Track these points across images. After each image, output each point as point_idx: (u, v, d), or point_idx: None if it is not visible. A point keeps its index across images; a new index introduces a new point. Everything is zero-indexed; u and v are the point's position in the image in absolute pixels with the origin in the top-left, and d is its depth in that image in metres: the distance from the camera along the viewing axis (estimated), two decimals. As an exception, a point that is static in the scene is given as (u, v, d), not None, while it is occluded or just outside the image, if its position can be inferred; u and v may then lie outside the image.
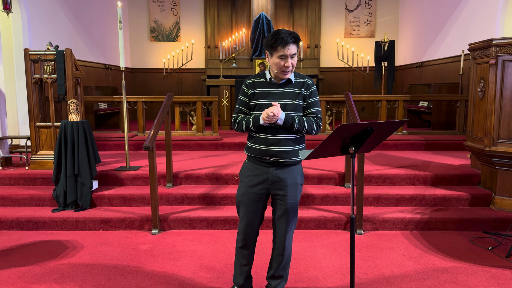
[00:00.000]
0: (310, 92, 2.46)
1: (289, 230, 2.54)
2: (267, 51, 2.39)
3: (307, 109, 2.47)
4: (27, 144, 5.19)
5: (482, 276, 3.05)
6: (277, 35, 2.30)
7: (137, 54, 10.52)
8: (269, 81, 2.43)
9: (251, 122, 2.40)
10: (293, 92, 2.42)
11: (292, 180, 2.46)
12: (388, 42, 8.43)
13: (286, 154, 2.40)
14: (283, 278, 2.65)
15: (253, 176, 2.46)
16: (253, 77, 2.50)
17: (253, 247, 2.63)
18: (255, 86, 2.45)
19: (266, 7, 9.67)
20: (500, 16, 6.17)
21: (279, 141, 2.38)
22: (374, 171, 4.68)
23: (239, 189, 2.55)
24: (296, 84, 2.44)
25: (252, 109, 2.45)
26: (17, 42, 6.06)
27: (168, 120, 4.62)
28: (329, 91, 10.25)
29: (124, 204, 4.35)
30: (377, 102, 6.42)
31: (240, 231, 2.58)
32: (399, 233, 3.91)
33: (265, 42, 2.37)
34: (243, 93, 2.49)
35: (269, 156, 2.40)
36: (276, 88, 2.42)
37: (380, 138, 2.26)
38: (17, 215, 4.10)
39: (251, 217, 2.51)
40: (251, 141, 2.47)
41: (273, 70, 2.41)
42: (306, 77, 2.50)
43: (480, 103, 4.18)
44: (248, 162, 2.52)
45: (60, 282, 2.98)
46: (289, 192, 2.46)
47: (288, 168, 2.45)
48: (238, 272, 2.67)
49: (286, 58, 2.32)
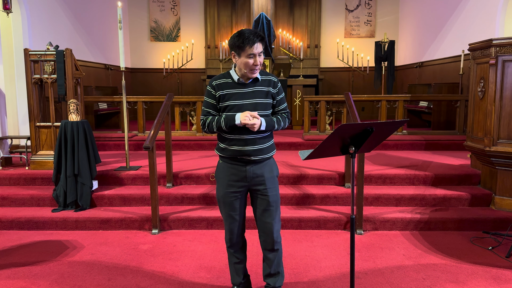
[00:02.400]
0: (278, 89, 2.52)
1: (275, 224, 2.54)
2: (233, 51, 2.40)
3: (277, 106, 2.54)
4: (27, 144, 5.19)
5: (482, 276, 3.05)
6: (243, 35, 2.33)
7: (137, 54, 10.52)
8: (237, 81, 2.44)
9: (223, 123, 2.39)
10: (262, 90, 2.46)
11: (269, 173, 2.51)
12: (388, 42, 8.43)
13: (261, 152, 2.45)
14: (280, 274, 2.65)
15: (230, 176, 2.49)
16: (218, 78, 2.49)
17: (242, 244, 2.66)
18: (222, 87, 2.44)
19: (266, 7, 9.67)
20: (500, 16, 6.17)
21: (255, 140, 2.43)
22: (374, 171, 4.68)
23: (218, 190, 2.57)
24: (263, 82, 2.48)
25: (222, 110, 2.45)
26: (17, 42, 6.07)
27: (168, 120, 4.62)
28: (329, 91, 10.26)
29: (124, 204, 4.36)
30: (377, 102, 6.42)
31: (227, 231, 2.60)
32: (399, 233, 3.91)
33: (232, 43, 2.38)
34: (209, 95, 2.47)
35: (245, 156, 2.43)
36: (244, 88, 2.44)
37: (380, 138, 2.26)
38: (17, 215, 4.11)
39: (234, 215, 2.54)
40: (224, 142, 2.47)
41: (240, 70, 2.42)
42: (271, 75, 2.54)
43: (480, 103, 4.18)
44: (223, 163, 2.53)
45: (60, 282, 2.98)
46: (269, 185, 2.50)
47: (263, 163, 2.50)
48: (234, 272, 2.71)
49: (255, 57, 2.35)
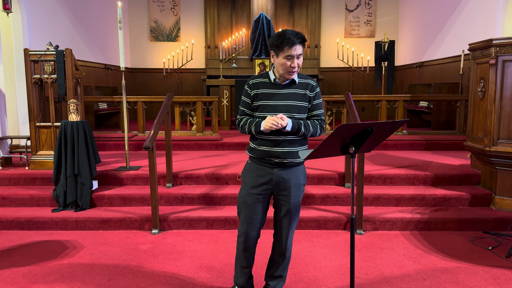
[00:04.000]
0: (315, 94, 2.45)
1: (290, 230, 2.54)
2: (272, 51, 2.35)
3: (311, 111, 2.46)
4: (27, 144, 5.19)
5: (482, 276, 3.05)
6: (284, 35, 2.27)
7: (137, 54, 10.52)
8: (274, 81, 2.40)
9: (253, 128, 2.38)
10: (298, 93, 2.40)
11: (295, 180, 2.45)
12: (388, 42, 8.43)
13: (290, 155, 2.39)
14: (282, 278, 2.65)
15: (256, 177, 2.45)
16: (256, 77, 2.47)
17: (254, 249, 2.61)
18: (258, 86, 2.42)
19: (266, 7, 9.67)
20: (500, 16, 6.17)
21: (284, 142, 2.37)
22: (374, 171, 4.68)
23: (241, 190, 2.52)
24: (300, 85, 2.42)
25: (255, 109, 2.43)
26: (17, 42, 6.06)
27: (168, 120, 4.62)
28: (329, 91, 10.25)
29: (124, 204, 4.36)
30: (377, 102, 6.42)
31: (242, 233, 2.53)
32: (399, 233, 3.91)
33: (271, 42, 2.33)
34: (246, 94, 2.46)
35: (273, 157, 2.39)
36: (280, 89, 2.39)
37: (380, 138, 2.26)
38: (17, 215, 4.11)
39: (253, 218, 2.48)
40: (255, 142, 2.45)
41: (278, 71, 2.38)
42: (310, 78, 2.48)
43: (480, 103, 4.18)
44: (251, 163, 2.50)
45: (60, 282, 2.98)
46: (293, 193, 2.45)
47: (291, 168, 2.44)
48: (239, 274, 2.66)
49: (293, 59, 2.29)
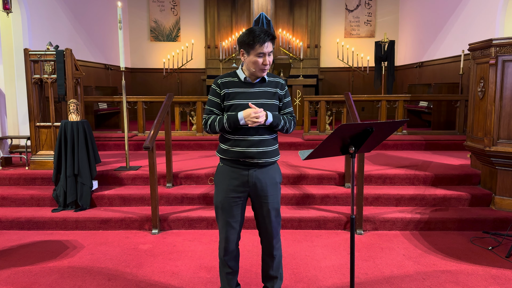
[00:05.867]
0: (285, 92, 2.48)
1: (274, 230, 2.50)
2: (242, 49, 2.33)
3: (283, 109, 2.47)
4: (27, 144, 5.19)
5: (482, 276, 3.05)
6: (254, 33, 2.26)
7: (137, 54, 10.52)
8: (244, 80, 2.38)
9: (226, 123, 2.31)
10: (269, 91, 2.40)
11: (271, 180, 2.43)
12: (388, 42, 8.43)
13: (265, 155, 2.36)
14: (277, 278, 2.63)
15: (231, 180, 2.38)
16: (224, 76, 2.42)
17: (236, 253, 2.54)
18: (228, 86, 2.37)
19: (266, 7, 9.67)
20: (500, 16, 6.17)
21: (259, 142, 2.34)
22: (374, 171, 4.68)
23: (217, 195, 2.44)
24: (270, 83, 2.42)
25: (227, 109, 2.36)
26: (17, 42, 6.07)
27: (168, 120, 4.62)
28: (329, 91, 10.26)
29: (124, 204, 4.36)
30: (377, 102, 6.42)
31: (222, 240, 2.46)
32: (399, 233, 3.91)
33: (241, 40, 2.31)
34: (214, 93, 2.40)
35: (249, 158, 2.34)
36: (251, 88, 2.37)
37: (380, 138, 2.26)
38: (17, 215, 4.11)
39: (233, 222, 2.43)
40: (227, 144, 2.37)
41: (249, 69, 2.35)
42: (278, 77, 2.49)
43: (480, 103, 4.18)
44: (223, 166, 2.43)
45: (60, 282, 2.98)
46: (270, 192, 2.42)
47: (266, 168, 2.41)
48: (226, 283, 2.56)
49: (264, 56, 2.29)
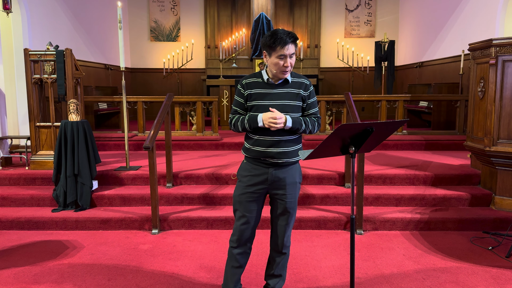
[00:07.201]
0: (309, 92, 2.45)
1: (288, 228, 2.54)
2: (265, 51, 2.36)
3: (307, 110, 2.46)
4: (27, 144, 5.19)
5: (482, 276, 3.05)
6: (276, 35, 2.27)
7: (137, 54, 10.52)
8: (267, 81, 2.40)
9: (246, 124, 2.38)
10: (292, 92, 2.40)
11: (291, 179, 2.46)
12: (388, 42, 8.43)
13: (285, 155, 2.39)
14: (281, 277, 2.65)
15: (252, 176, 2.45)
16: (249, 77, 2.46)
17: (247, 249, 2.56)
18: (252, 86, 2.42)
19: (266, 7, 9.67)
20: (500, 16, 6.17)
21: (279, 142, 2.37)
22: (374, 171, 4.68)
23: (237, 189, 2.52)
24: (294, 84, 2.42)
25: (249, 109, 2.42)
26: (17, 42, 6.06)
27: (168, 120, 4.62)
28: (329, 91, 10.26)
29: (124, 204, 4.36)
30: (377, 102, 6.42)
31: (236, 231, 2.52)
32: (399, 233, 3.91)
33: (264, 42, 2.34)
34: (239, 93, 2.46)
35: (269, 158, 2.39)
36: (274, 89, 2.39)
37: (380, 138, 2.26)
38: (17, 215, 4.11)
39: (249, 216, 2.48)
40: (249, 142, 2.45)
41: (271, 70, 2.38)
42: (303, 77, 2.48)
43: (480, 103, 4.18)
44: (247, 163, 2.50)
45: (60, 282, 2.98)
46: (288, 191, 2.46)
47: (287, 167, 2.45)
48: (229, 276, 2.57)
49: (286, 58, 2.29)
